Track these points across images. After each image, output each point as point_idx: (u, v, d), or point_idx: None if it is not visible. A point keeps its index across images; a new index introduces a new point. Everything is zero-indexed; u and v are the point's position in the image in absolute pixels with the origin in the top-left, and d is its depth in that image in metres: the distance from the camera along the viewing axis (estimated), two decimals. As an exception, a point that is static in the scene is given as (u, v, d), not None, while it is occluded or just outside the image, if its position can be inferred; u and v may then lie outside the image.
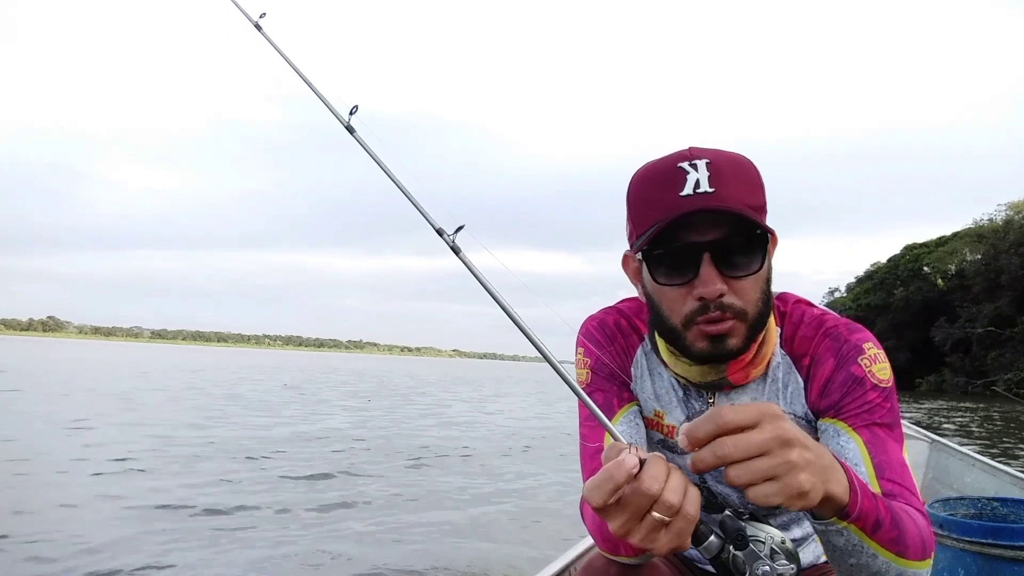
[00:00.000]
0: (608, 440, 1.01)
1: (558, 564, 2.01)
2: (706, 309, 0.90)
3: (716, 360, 0.95)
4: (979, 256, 64.83)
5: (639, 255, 0.95)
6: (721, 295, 0.89)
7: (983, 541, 2.04)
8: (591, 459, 1.04)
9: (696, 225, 0.88)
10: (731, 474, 0.64)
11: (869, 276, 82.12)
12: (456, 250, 0.87)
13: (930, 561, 0.85)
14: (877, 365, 0.97)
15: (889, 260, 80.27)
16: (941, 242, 73.49)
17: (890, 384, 0.98)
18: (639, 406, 1.12)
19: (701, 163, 0.89)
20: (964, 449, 3.68)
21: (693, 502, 0.65)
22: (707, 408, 1.05)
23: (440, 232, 0.89)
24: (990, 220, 67.68)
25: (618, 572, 0.97)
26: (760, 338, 0.98)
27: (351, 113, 1.07)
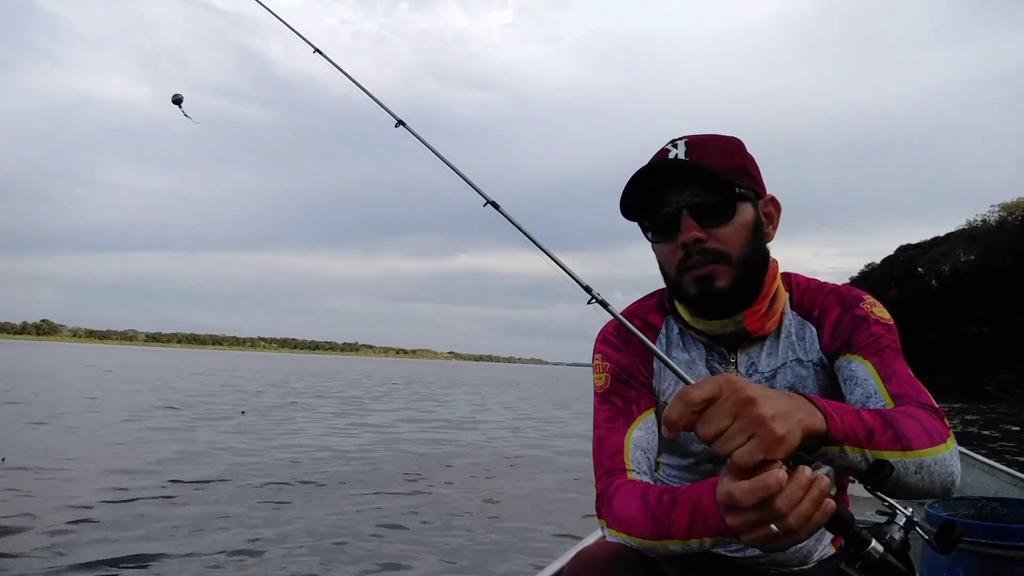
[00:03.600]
0: (629, 447, 1.09)
1: (558, 564, 2.00)
2: (690, 255, 1.06)
3: (707, 302, 1.08)
4: (973, 257, 65.22)
5: (638, 224, 1.13)
6: (697, 240, 1.04)
7: (983, 541, 2.03)
8: (610, 460, 1.08)
9: (673, 189, 1.06)
10: (715, 448, 0.71)
11: (864, 277, 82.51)
12: (496, 206, 1.20)
13: (947, 445, 0.91)
14: (877, 308, 1.12)
15: (883, 261, 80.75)
16: (935, 243, 73.92)
17: (892, 323, 1.11)
18: (658, 408, 1.16)
19: (681, 142, 1.08)
20: (964, 449, 3.68)
21: (814, 526, 0.72)
22: (730, 367, 1.16)
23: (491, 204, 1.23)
24: (983, 221, 68.16)
25: (610, 560, 0.99)
26: (771, 292, 1.12)
27: (397, 125, 1.32)
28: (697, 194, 1.05)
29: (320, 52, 1.53)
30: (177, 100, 2.03)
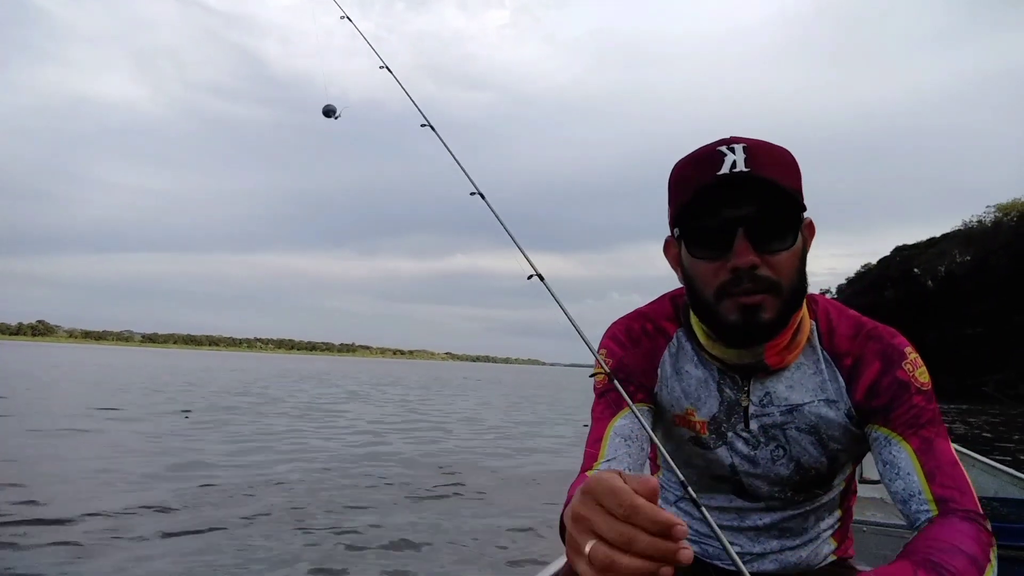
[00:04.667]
0: (608, 435, 1.04)
1: (559, 563, 1.99)
2: (739, 281, 0.93)
3: (748, 333, 0.97)
4: (968, 258, 65.48)
5: (677, 232, 1.00)
6: (754, 266, 0.92)
7: (983, 541, 2.02)
8: (587, 451, 1.06)
9: (732, 202, 0.93)
10: None
11: (860, 278, 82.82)
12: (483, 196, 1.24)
13: (991, 567, 0.85)
14: (919, 370, 1.01)
15: (880, 262, 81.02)
16: (931, 243, 74.23)
17: (930, 388, 1.01)
18: (656, 408, 1.13)
19: (739, 147, 0.94)
20: (964, 449, 3.66)
21: None
22: (742, 396, 1.07)
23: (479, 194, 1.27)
24: (979, 222, 68.48)
25: None
26: (795, 323, 1.01)
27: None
28: (757, 212, 0.92)
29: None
30: (329, 111, 1.82)
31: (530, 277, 1.05)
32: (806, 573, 1.14)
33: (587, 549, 0.55)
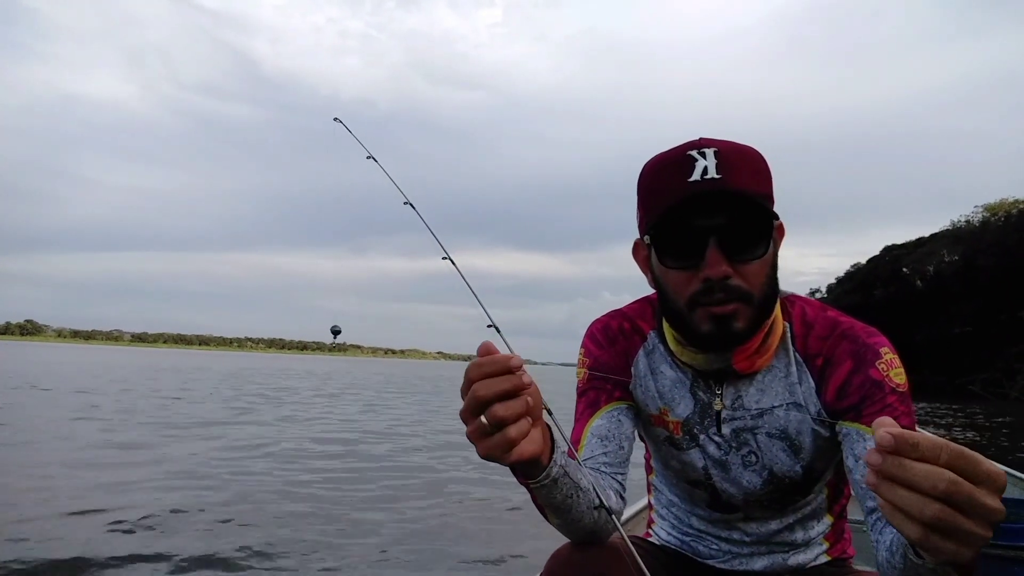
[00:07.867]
0: (585, 436, 1.08)
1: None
2: (711, 291, 0.93)
3: (721, 343, 0.97)
4: (956, 257, 66.18)
5: (648, 240, 0.99)
6: (726, 277, 0.92)
7: (982, 541, 2.00)
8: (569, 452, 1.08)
9: (703, 210, 0.92)
10: (961, 523, 0.55)
11: (849, 277, 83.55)
12: (413, 206, 1.11)
13: None
14: (894, 370, 0.98)
15: (869, 261, 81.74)
16: (920, 243, 74.99)
17: (906, 389, 0.98)
18: (636, 405, 1.13)
19: (710, 151, 0.92)
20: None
21: (520, 428, 0.70)
22: (715, 400, 1.06)
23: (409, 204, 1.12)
24: (967, 222, 69.27)
25: (579, 558, 0.98)
26: (766, 328, 1.00)
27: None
28: (729, 221, 0.91)
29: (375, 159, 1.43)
30: (336, 331, 2.24)
31: (488, 326, 1.04)
32: (797, 572, 1.14)
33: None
